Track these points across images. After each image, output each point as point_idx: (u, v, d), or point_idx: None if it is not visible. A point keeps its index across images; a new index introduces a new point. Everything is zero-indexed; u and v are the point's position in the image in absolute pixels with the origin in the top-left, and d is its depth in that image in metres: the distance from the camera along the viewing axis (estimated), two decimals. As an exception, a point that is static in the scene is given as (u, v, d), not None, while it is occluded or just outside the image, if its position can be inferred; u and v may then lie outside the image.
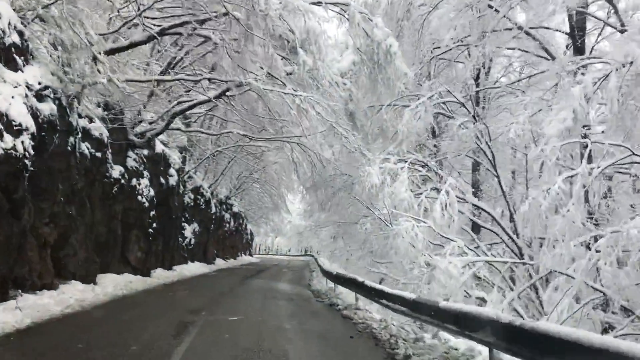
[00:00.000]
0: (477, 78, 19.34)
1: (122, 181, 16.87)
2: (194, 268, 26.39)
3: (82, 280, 13.34)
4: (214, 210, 33.57)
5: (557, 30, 20.40)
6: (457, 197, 14.13)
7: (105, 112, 15.75)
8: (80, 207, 13.41)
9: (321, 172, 20.26)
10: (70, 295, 11.49)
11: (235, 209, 45.03)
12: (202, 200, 30.39)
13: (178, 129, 20.15)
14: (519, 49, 19.72)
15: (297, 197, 51.48)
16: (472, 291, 10.90)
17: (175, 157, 23.56)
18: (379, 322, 9.98)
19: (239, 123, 24.31)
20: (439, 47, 20.04)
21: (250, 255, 65.24)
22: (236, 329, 9.32)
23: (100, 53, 12.11)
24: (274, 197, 46.76)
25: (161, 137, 22.78)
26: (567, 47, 20.46)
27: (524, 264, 10.50)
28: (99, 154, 14.21)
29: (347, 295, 14.89)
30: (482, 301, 12.20)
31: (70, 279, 12.91)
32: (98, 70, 12.21)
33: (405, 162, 15.20)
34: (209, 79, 14.99)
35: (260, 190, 46.12)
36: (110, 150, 15.34)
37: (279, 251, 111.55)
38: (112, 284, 14.56)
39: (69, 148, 12.38)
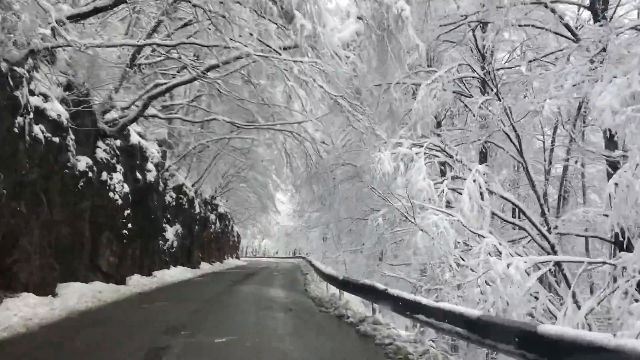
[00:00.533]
0: (482, 60, 17.43)
1: (90, 174, 14.53)
2: (177, 273, 24.01)
3: (37, 291, 10.99)
4: (198, 210, 31.16)
5: (577, 5, 18.73)
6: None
7: (67, 93, 13.40)
8: (33, 204, 11.07)
9: (318, 163, 17.99)
10: (16, 312, 9.14)
11: (221, 210, 42.62)
12: (185, 199, 28.00)
13: (155, 116, 17.80)
14: (535, 26, 17.67)
15: (286, 197, 49.38)
16: (529, 301, 8.64)
17: (153, 151, 21.17)
18: (414, 345, 7.73)
19: (225, 115, 22.18)
20: (446, 25, 18.13)
21: (238, 258, 62.82)
22: (225, 357, 7.05)
23: (58, 19, 9.77)
24: (262, 197, 44.48)
25: (138, 128, 20.45)
26: (576, 28, 18.55)
27: (603, 263, 8.34)
28: (56, 139, 11.84)
29: (356, 303, 12.68)
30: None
31: (21, 290, 10.56)
32: (54, 36, 9.88)
33: (421, 146, 13.00)
34: (190, 44, 12.53)
35: (247, 190, 43.85)
36: (72, 137, 12.99)
37: (266, 253, 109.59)
38: (76, 296, 12.23)
39: (16, 130, 10.05)
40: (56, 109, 11.95)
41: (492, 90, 14.08)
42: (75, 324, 9.21)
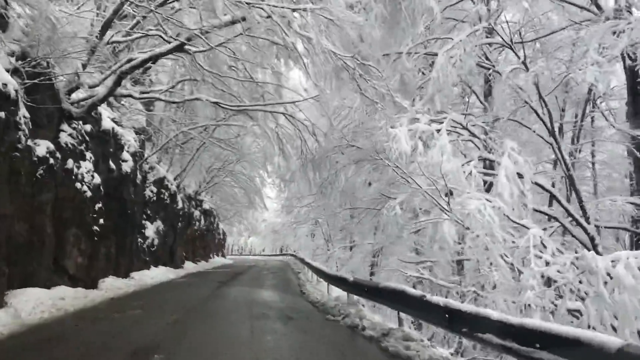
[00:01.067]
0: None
1: (52, 161, 12.45)
2: (158, 274, 21.88)
3: (-21, 301, 8.91)
4: (181, 206, 28.98)
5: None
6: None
7: (21, 63, 11.25)
8: (-28, 193, 8.96)
9: (315, 149, 15.93)
10: (-60, 331, 7.05)
11: (205, 206, 40.44)
12: (166, 194, 25.82)
13: (130, 96, 15.65)
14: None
15: (273, 192, 47.46)
16: None
17: (129, 138, 19.03)
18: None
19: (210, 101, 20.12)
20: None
21: (224, 256, 60.63)
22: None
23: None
24: (249, 192, 42.34)
25: (112, 114, 18.32)
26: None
27: None
28: (1, 114, 9.70)
29: (367, 309, 10.62)
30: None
31: (-44, 300, 8.48)
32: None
33: (440, 123, 11.04)
34: None
35: (233, 185, 41.72)
36: (26, 115, 10.85)
37: (253, 251, 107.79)
38: (31, 305, 10.12)
39: (-57, 98, 7.94)
40: (1, 78, 9.80)
41: (518, 58, 12.13)
42: (15, 345, 7.07)
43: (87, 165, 14.63)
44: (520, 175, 10.28)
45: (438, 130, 10.58)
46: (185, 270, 28.24)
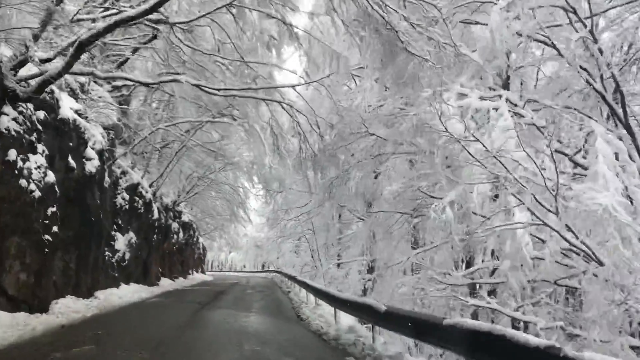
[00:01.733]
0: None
1: (-15, 150, 9.66)
2: (128, 293, 18.92)
3: None
4: (157, 216, 25.97)
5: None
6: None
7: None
8: None
9: (316, 146, 13.24)
10: None
11: (185, 218, 37.38)
12: (140, 202, 22.88)
13: (91, 74, 12.79)
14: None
15: (258, 204, 44.87)
16: None
17: (95, 133, 16.17)
18: None
19: (193, 100, 17.73)
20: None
21: (203, 272, 57.41)
22: None
23: None
24: (232, 203, 39.55)
25: (76, 105, 15.53)
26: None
27: None
28: None
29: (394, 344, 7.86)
30: None
31: None
32: None
33: (492, 101, 8.44)
34: None
35: (215, 197, 38.96)
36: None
37: (233, 267, 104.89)
38: (-64, 340, 7.26)
39: None
40: None
41: (584, 27, 9.61)
42: None
43: (37, 160, 11.85)
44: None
45: (496, 109, 7.97)
46: (160, 288, 25.19)
